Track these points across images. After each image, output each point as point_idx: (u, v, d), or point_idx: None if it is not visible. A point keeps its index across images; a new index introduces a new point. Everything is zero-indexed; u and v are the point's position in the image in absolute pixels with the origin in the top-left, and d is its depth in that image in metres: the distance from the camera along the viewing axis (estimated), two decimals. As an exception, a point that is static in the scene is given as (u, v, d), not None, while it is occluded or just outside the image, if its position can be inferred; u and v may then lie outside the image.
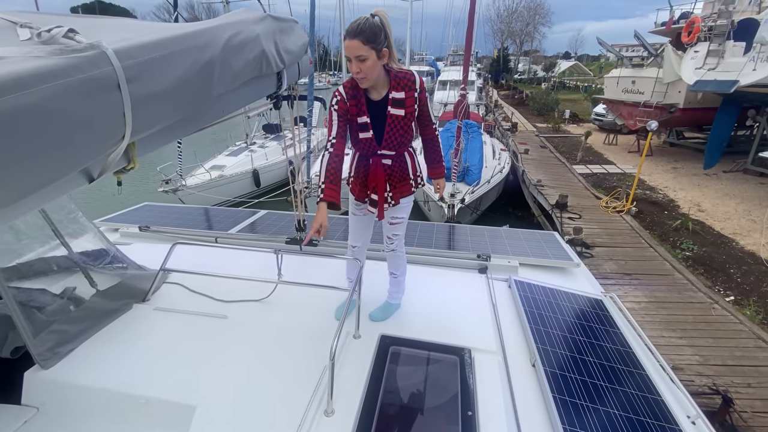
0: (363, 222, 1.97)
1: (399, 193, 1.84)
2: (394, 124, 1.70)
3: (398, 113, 1.68)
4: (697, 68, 9.56)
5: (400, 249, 1.99)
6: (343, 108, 1.70)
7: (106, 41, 0.94)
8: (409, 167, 1.85)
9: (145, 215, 3.27)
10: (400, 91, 1.67)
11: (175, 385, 1.49)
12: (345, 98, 1.69)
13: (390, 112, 1.68)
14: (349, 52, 1.56)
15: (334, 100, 1.71)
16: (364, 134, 1.72)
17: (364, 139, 1.73)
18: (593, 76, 37.90)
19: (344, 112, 1.71)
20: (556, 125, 17.51)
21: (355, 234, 2.00)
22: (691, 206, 8.19)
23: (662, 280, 5.30)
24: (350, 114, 1.70)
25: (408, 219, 1.97)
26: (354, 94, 1.69)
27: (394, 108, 1.68)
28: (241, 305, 1.99)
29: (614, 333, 2.00)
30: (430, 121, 1.82)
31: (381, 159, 1.77)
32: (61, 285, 1.95)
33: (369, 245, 2.13)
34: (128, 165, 1.20)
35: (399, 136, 1.72)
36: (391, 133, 1.71)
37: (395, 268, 2.02)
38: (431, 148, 1.90)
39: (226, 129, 12.90)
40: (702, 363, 3.82)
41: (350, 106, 1.69)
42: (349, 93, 1.69)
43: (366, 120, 1.70)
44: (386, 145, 1.73)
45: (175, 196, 8.66)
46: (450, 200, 7.34)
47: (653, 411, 1.56)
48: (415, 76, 1.70)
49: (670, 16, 13.05)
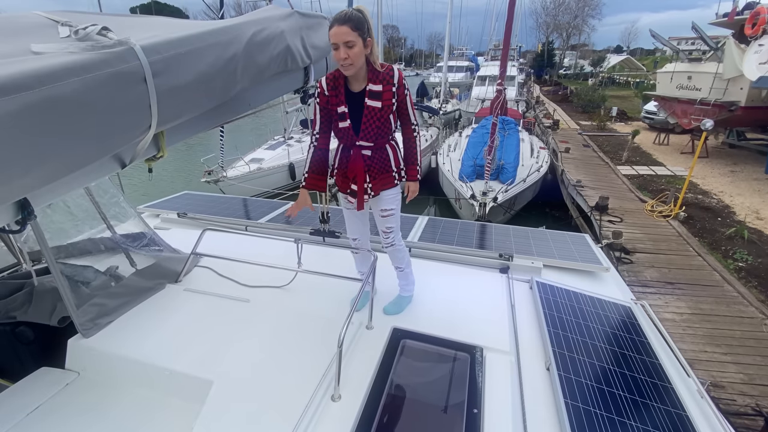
0: (356, 214, 1.99)
1: (380, 185, 1.85)
2: (371, 115, 1.72)
3: (375, 105, 1.71)
4: (762, 63, 8.72)
5: (399, 243, 2.01)
6: (323, 99, 1.75)
7: (135, 38, 1.02)
8: (391, 160, 1.85)
9: (184, 203, 3.47)
10: (378, 84, 1.70)
11: (196, 361, 1.59)
12: (325, 89, 1.74)
13: (367, 104, 1.71)
14: (338, 38, 1.58)
15: (316, 92, 1.77)
16: (342, 124, 1.75)
17: (343, 129, 1.77)
18: (646, 72, 35.53)
19: (325, 104, 1.76)
20: (601, 123, 16.63)
21: (351, 227, 2.04)
22: (748, 213, 7.53)
23: (709, 291, 4.93)
24: (330, 104, 1.75)
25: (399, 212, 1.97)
26: (334, 85, 1.73)
27: (371, 100, 1.71)
28: (264, 291, 2.08)
29: (640, 342, 1.90)
30: (409, 120, 1.83)
31: (360, 150, 1.79)
32: (106, 263, 2.13)
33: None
34: (158, 153, 1.29)
35: (376, 127, 1.74)
36: (368, 124, 1.73)
37: (399, 261, 2.05)
38: (407, 148, 1.90)
39: (267, 123, 13.35)
40: (746, 382, 3.54)
41: (330, 97, 1.74)
42: (329, 84, 1.73)
43: (344, 110, 1.73)
44: (363, 136, 1.75)
45: (216, 187, 9.09)
46: (482, 198, 7.20)
47: (675, 426, 1.48)
48: (394, 71, 1.73)
49: (734, 7, 11.95)
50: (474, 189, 7.59)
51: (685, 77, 11.79)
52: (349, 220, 2.02)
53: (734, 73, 9.79)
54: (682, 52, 12.98)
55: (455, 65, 29.77)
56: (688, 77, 11.68)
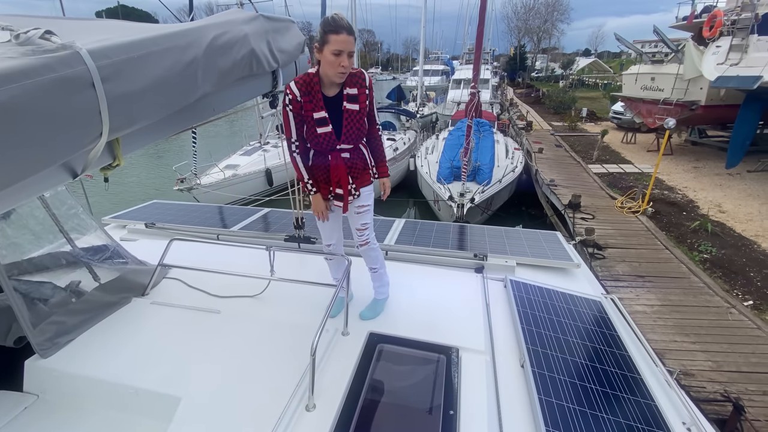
0: (330, 219, 1.97)
1: (360, 183, 1.88)
2: (351, 118, 1.74)
3: (353, 108, 1.73)
4: (719, 64, 9.20)
5: (374, 241, 2.00)
6: (297, 106, 1.71)
7: (83, 42, 0.97)
8: (367, 157, 1.89)
9: (152, 212, 3.36)
10: (353, 87, 1.72)
11: (163, 377, 1.53)
12: (297, 95, 1.69)
13: (346, 107, 1.73)
14: (346, 46, 1.59)
15: (286, 99, 1.72)
16: (322, 129, 1.72)
17: (323, 134, 1.73)
18: (613, 74, 36.92)
19: (299, 110, 1.72)
20: (572, 124, 17.15)
21: (327, 233, 2.02)
22: (711, 207, 7.90)
23: (677, 283, 5.13)
24: (304, 110, 1.71)
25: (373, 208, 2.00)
26: (308, 90, 1.69)
27: (349, 103, 1.73)
28: (235, 301, 2.02)
29: (611, 335, 1.95)
30: (375, 120, 1.87)
31: (340, 153, 1.79)
32: (67, 278, 2.02)
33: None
34: (114, 162, 1.24)
35: (356, 129, 1.76)
36: (349, 127, 1.74)
37: (373, 261, 2.03)
38: (375, 147, 1.93)
39: (242, 129, 13.11)
40: (715, 369, 3.69)
41: (304, 102, 1.70)
42: (302, 89, 1.69)
43: (324, 115, 1.71)
44: (345, 139, 1.76)
45: (190, 195, 8.86)
46: (459, 200, 7.29)
47: (645, 416, 1.51)
48: (365, 74, 1.76)
49: (692, 10, 12.60)
50: (452, 190, 7.67)
51: (649, 78, 12.32)
52: (323, 225, 1.99)
53: (694, 73, 10.29)
54: (645, 55, 13.57)
55: (431, 69, 30.15)
56: (652, 78, 12.20)
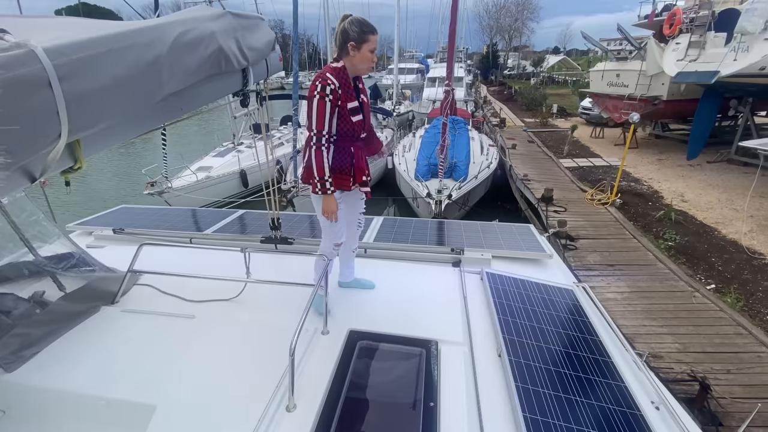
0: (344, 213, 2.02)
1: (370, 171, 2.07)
2: (366, 108, 1.91)
3: (366, 99, 1.93)
4: (679, 60, 9.66)
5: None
6: (336, 96, 1.74)
7: (38, 39, 0.93)
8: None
9: (121, 218, 3.24)
10: (361, 83, 1.92)
11: (135, 386, 1.48)
12: (336, 86, 1.74)
13: (363, 99, 1.90)
14: (377, 44, 1.79)
15: (327, 89, 1.71)
16: (356, 117, 1.83)
17: (357, 123, 1.83)
18: (581, 71, 38.13)
19: (337, 101, 1.75)
20: (543, 120, 17.61)
21: (342, 230, 2.03)
22: (674, 197, 8.29)
23: (645, 270, 5.36)
24: (341, 100, 1.77)
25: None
26: (342, 82, 1.77)
27: (363, 95, 1.91)
28: (210, 305, 1.98)
29: (583, 322, 2.02)
30: None
31: (359, 142, 1.94)
32: (30, 289, 1.93)
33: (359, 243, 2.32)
34: (75, 165, 1.19)
35: (369, 119, 1.95)
36: (367, 116, 1.91)
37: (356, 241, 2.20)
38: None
39: (214, 129, 12.80)
40: (682, 351, 3.88)
41: (342, 93, 1.77)
42: (339, 80, 1.76)
43: (356, 104, 1.83)
44: (366, 127, 1.93)
45: (161, 199, 8.58)
46: (437, 196, 7.37)
47: (616, 398, 1.58)
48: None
49: (653, 9, 13.18)
50: (429, 187, 7.74)
51: (614, 75, 12.79)
52: (339, 223, 1.98)
53: (656, 70, 10.76)
54: (610, 52, 14.08)
55: (406, 67, 30.26)
56: (617, 75, 12.67)
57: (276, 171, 3.39)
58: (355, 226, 2.13)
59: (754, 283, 5.22)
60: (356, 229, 2.13)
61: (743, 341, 4.00)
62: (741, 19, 8.14)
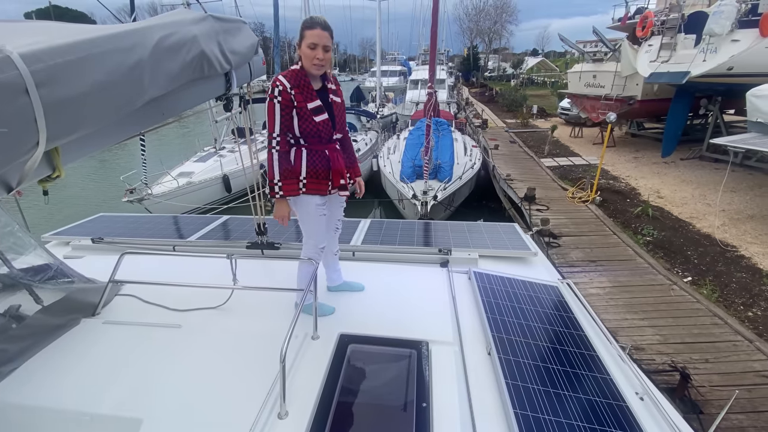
0: (326, 218, 1.99)
1: (353, 174, 2.02)
2: (338, 109, 1.86)
3: (338, 100, 1.87)
4: (652, 61, 10.00)
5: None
6: (287, 98, 1.72)
7: (13, 45, 0.90)
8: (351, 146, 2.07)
9: (100, 226, 3.15)
10: (332, 83, 1.88)
11: (120, 400, 1.44)
12: (288, 86, 1.71)
13: (333, 99, 1.85)
14: (320, 40, 1.69)
15: (275, 91, 1.72)
16: (320, 117, 1.78)
17: (321, 122, 1.78)
18: (559, 72, 39.03)
19: (288, 102, 1.73)
20: (524, 120, 17.93)
21: (323, 234, 2.00)
22: (651, 193, 8.56)
23: (625, 265, 5.51)
24: (296, 102, 1.73)
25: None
26: (297, 83, 1.74)
27: (334, 96, 1.86)
28: (196, 313, 1.94)
29: (568, 318, 2.07)
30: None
31: (335, 144, 1.88)
32: (5, 303, 1.85)
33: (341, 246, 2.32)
34: (53, 173, 1.16)
35: (342, 120, 1.89)
36: (339, 117, 1.85)
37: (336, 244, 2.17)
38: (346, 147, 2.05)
39: (196, 134, 12.57)
40: (662, 342, 4.00)
41: (295, 94, 1.73)
42: (291, 81, 1.73)
43: (319, 103, 1.78)
44: (339, 128, 1.87)
45: (141, 206, 8.37)
46: (423, 197, 7.42)
47: (602, 390, 1.62)
48: (336, 76, 1.95)
49: (626, 12, 13.61)
50: (415, 189, 7.79)
51: (591, 76, 13.14)
52: (320, 226, 1.96)
53: (630, 70, 11.10)
54: (587, 54, 14.45)
55: (389, 70, 30.39)
56: (593, 76, 13.02)
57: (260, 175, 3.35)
58: (333, 230, 2.11)
59: (728, 274, 5.42)
60: (334, 232, 2.12)
61: (719, 331, 4.15)
62: (709, 21, 8.49)
